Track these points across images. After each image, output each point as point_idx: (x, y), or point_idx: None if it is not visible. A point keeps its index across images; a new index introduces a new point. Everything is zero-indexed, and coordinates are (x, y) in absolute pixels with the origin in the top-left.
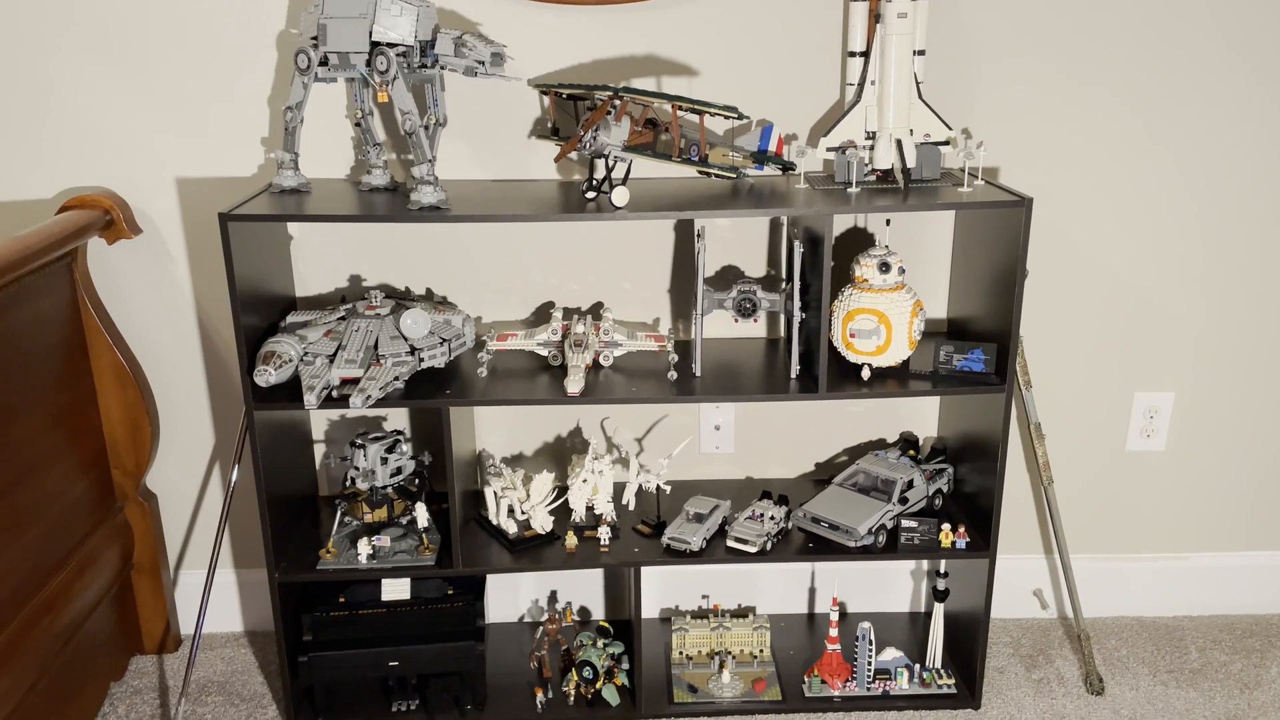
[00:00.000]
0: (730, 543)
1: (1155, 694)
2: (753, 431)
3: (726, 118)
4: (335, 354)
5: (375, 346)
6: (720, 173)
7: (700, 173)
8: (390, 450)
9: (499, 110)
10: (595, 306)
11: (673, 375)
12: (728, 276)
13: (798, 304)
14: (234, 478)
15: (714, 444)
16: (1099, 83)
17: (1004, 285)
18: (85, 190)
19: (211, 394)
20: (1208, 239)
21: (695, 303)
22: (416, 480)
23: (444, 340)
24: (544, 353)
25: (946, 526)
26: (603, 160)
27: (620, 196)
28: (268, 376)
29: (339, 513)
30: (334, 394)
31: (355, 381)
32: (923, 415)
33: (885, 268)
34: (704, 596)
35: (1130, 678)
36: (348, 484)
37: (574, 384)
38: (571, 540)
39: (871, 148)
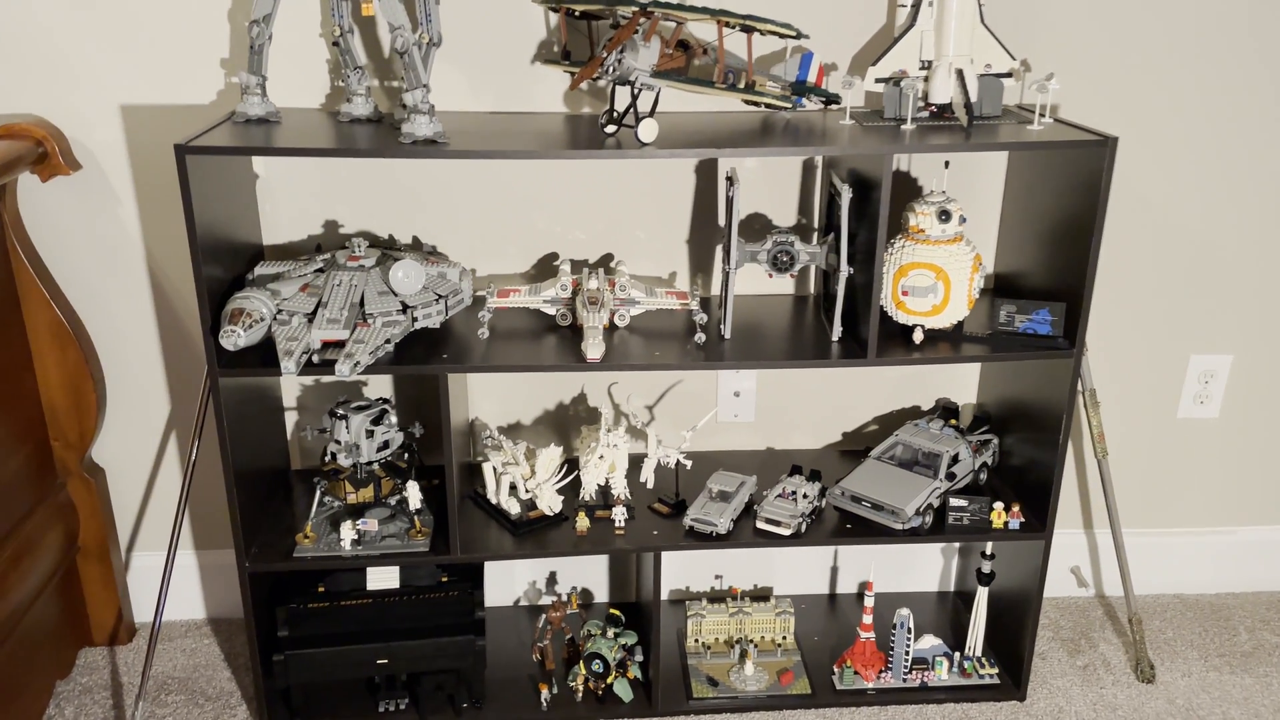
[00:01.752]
0: (760, 524)
1: (1209, 681)
2: (775, 399)
3: (783, 36)
4: (315, 312)
5: (361, 304)
6: (774, 102)
7: (748, 103)
8: (376, 422)
9: (497, 31)
10: (605, 259)
11: (700, 338)
12: (754, 225)
13: (844, 257)
14: (194, 452)
15: (732, 412)
16: (1173, 20)
17: (1069, 237)
18: (13, 118)
19: (166, 356)
20: (1275, 191)
21: (728, 255)
22: (405, 455)
23: (439, 297)
24: (551, 311)
25: (999, 505)
26: (627, 88)
27: (648, 131)
28: (236, 338)
29: (318, 492)
30: (314, 359)
31: (339, 345)
32: (960, 380)
33: (945, 216)
34: (717, 577)
35: (1181, 663)
36: (327, 459)
37: (594, 348)
38: (583, 522)
39: (926, 79)
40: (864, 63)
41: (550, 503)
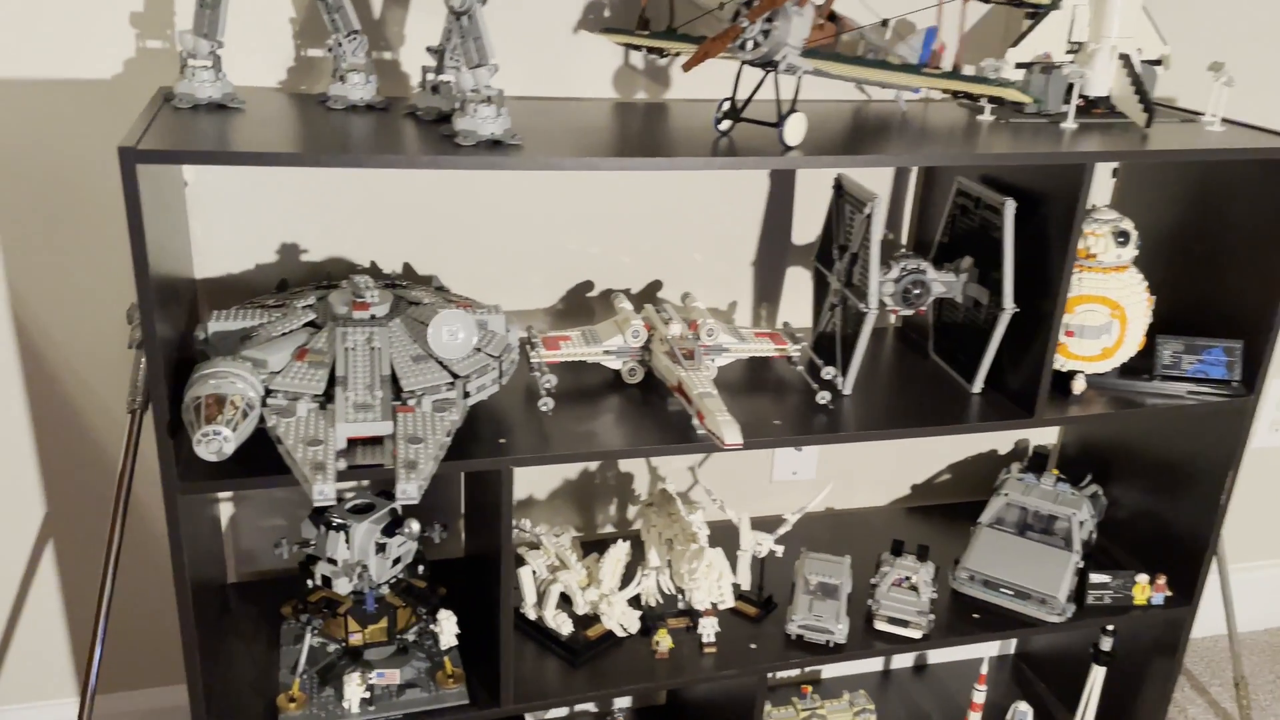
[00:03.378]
0: (882, 625)
1: None
2: (835, 450)
3: (1036, 7)
4: (327, 390)
5: (392, 377)
6: (1000, 93)
7: (954, 95)
8: (389, 531)
9: None
10: (651, 288)
11: (824, 398)
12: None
13: (1009, 290)
14: (109, 582)
15: (790, 469)
16: None
17: (1237, 261)
18: None
19: (40, 439)
20: None
21: (854, 289)
22: (420, 568)
23: (494, 358)
24: (615, 365)
25: (1142, 578)
26: (769, 71)
27: (795, 130)
28: (221, 443)
29: (307, 636)
30: (341, 465)
31: (374, 442)
32: None
33: (1123, 238)
34: None
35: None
36: (314, 583)
37: (731, 429)
38: (664, 640)
39: (1074, 64)
40: (979, 46)
41: (623, 619)
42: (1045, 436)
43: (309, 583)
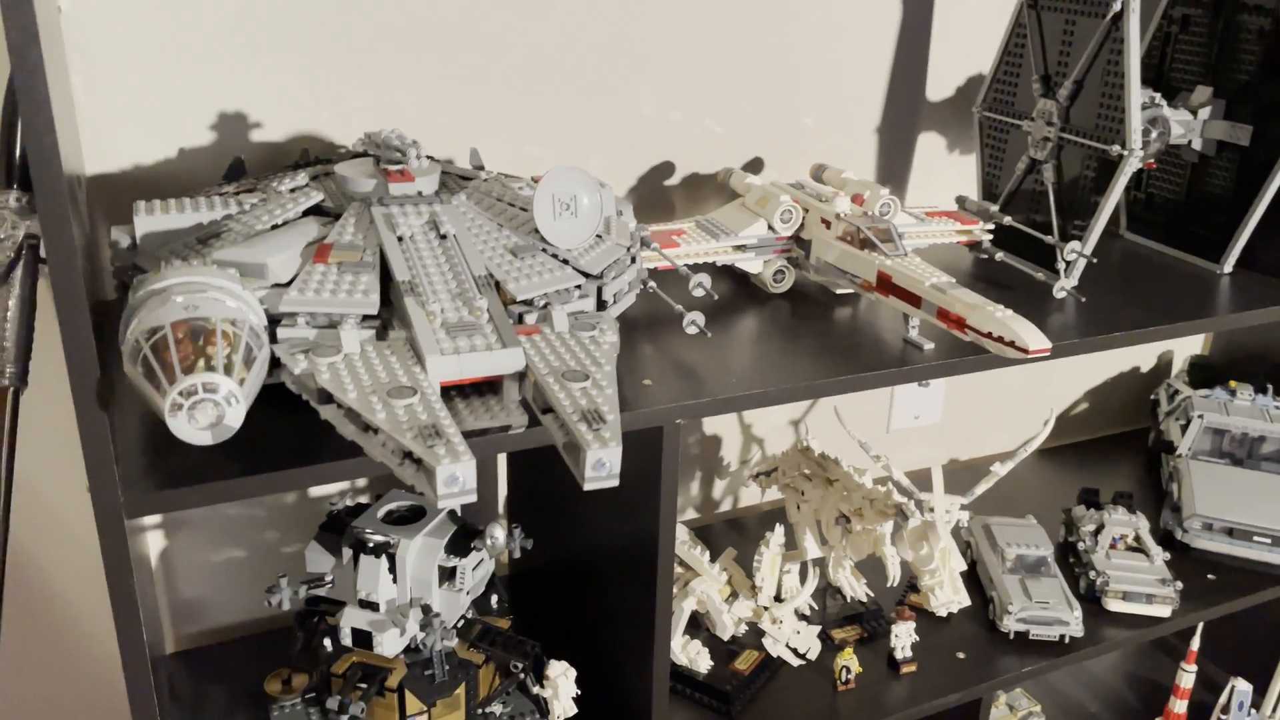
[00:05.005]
0: (1115, 604)
1: None
2: (961, 385)
3: None
4: (380, 311)
5: (489, 278)
6: None
7: None
8: (458, 547)
9: None
10: (750, 169)
11: (1064, 288)
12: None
13: None
14: None
15: (912, 412)
16: None
17: None
18: None
19: None
20: None
21: (1116, 122)
22: (495, 599)
23: (625, 248)
24: (754, 266)
25: None
26: None
27: None
28: (220, 405)
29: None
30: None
31: (475, 390)
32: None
33: None
34: None
35: None
36: (334, 645)
37: (1031, 329)
38: (851, 664)
39: None
40: None
41: (799, 640)
42: (1188, 346)
43: (325, 644)
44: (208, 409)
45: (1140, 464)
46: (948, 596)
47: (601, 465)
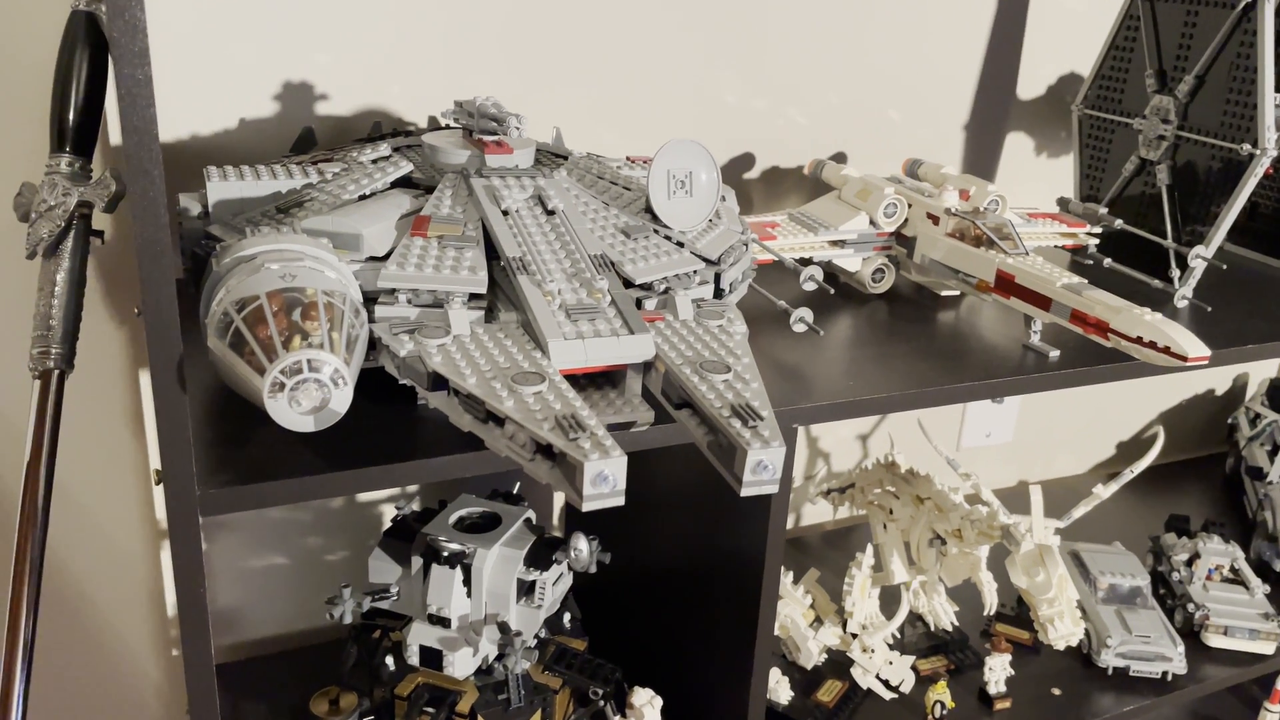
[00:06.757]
0: (1216, 639)
1: None
2: (1036, 405)
3: None
4: (488, 288)
5: (602, 257)
6: None
7: None
8: (539, 560)
9: None
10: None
11: (1185, 297)
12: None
13: None
14: (22, 676)
15: (984, 430)
16: None
17: None
18: None
19: None
20: None
21: (1248, 119)
22: (566, 617)
23: (740, 233)
24: (852, 264)
25: None
26: None
27: None
28: (327, 386)
29: None
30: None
31: (590, 382)
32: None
33: None
34: None
35: None
36: (396, 663)
37: (1188, 336)
38: (944, 698)
39: None
40: None
41: (891, 671)
42: (1264, 368)
43: (388, 662)
44: (311, 390)
45: (1217, 489)
46: (1067, 629)
47: (763, 468)
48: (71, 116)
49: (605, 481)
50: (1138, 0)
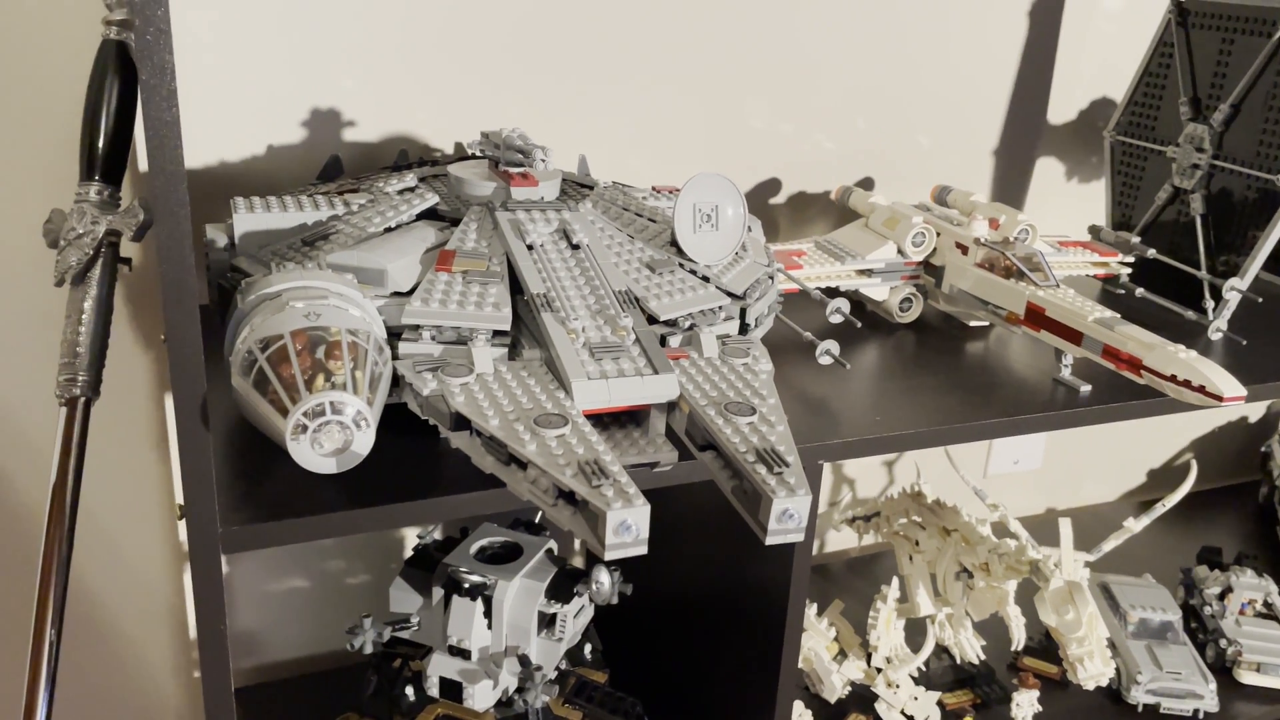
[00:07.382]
0: (1249, 676)
1: None
2: (1068, 433)
3: None
4: (510, 326)
5: (626, 295)
6: None
7: None
8: (559, 591)
9: None
10: (861, 188)
11: (1217, 331)
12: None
13: None
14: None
15: (1012, 458)
16: None
17: None
18: None
19: None
20: None
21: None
22: (589, 649)
23: (764, 266)
24: (879, 293)
25: None
26: None
27: None
28: (349, 428)
29: None
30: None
31: (614, 421)
32: None
33: None
34: None
35: None
36: (416, 693)
37: (1224, 375)
38: None
39: None
40: None
41: (916, 708)
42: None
43: (408, 692)
44: (334, 432)
45: (1249, 518)
46: (1097, 669)
47: (789, 516)
48: (101, 145)
49: (628, 530)
50: (1172, 27)
